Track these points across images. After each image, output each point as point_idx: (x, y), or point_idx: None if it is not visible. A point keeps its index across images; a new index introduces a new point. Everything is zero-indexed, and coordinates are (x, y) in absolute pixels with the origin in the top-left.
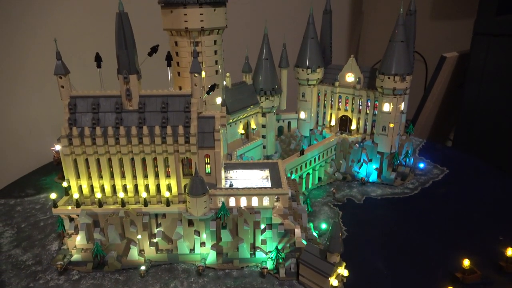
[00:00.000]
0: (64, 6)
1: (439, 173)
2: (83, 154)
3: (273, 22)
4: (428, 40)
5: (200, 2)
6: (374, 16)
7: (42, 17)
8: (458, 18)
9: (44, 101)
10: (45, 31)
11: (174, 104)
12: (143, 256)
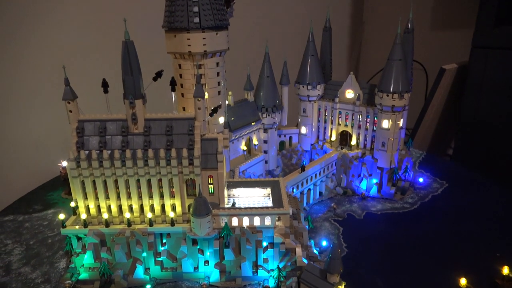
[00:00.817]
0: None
1: (439, 187)
2: (91, 176)
3: (274, 41)
4: (429, 50)
5: (202, 27)
6: (373, 32)
7: (50, 40)
8: (458, 28)
9: (51, 115)
10: (52, 51)
11: (178, 127)
12: (149, 274)
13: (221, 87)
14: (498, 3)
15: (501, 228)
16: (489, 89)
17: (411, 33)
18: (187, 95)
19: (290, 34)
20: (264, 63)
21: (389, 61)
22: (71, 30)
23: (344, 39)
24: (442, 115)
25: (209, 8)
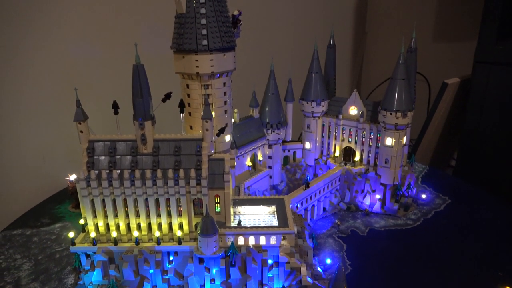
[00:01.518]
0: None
1: (441, 202)
2: (100, 195)
3: (279, 58)
4: (431, 62)
5: (210, 49)
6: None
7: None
8: (461, 40)
9: (58, 126)
10: (61, 64)
11: (186, 147)
12: None
13: (228, 106)
14: (500, 19)
15: (504, 246)
16: (491, 104)
17: (414, 52)
18: (195, 114)
19: (295, 51)
20: (269, 80)
21: (393, 80)
22: (82, 47)
23: (348, 55)
24: (444, 129)
25: (217, 30)
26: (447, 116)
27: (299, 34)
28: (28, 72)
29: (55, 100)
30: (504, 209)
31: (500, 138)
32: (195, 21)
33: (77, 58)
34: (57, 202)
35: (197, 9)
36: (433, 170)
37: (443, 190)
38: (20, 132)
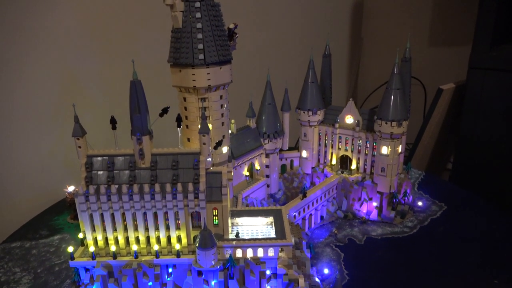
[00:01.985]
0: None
1: (438, 209)
2: (99, 209)
3: (276, 68)
4: (427, 67)
5: (207, 63)
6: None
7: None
8: (456, 45)
9: (56, 137)
10: (58, 75)
11: (184, 161)
12: None
13: (225, 118)
14: (494, 26)
15: (499, 254)
16: (486, 110)
17: (408, 61)
18: (192, 127)
19: (291, 61)
20: (265, 90)
21: (388, 90)
22: (80, 59)
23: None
24: (440, 134)
25: (213, 44)
26: (443, 121)
27: (295, 44)
28: (26, 83)
29: (53, 111)
30: (500, 216)
31: (496, 143)
32: (192, 36)
33: (76, 70)
34: (56, 213)
35: (193, 24)
36: (429, 176)
37: (439, 196)
38: (18, 143)
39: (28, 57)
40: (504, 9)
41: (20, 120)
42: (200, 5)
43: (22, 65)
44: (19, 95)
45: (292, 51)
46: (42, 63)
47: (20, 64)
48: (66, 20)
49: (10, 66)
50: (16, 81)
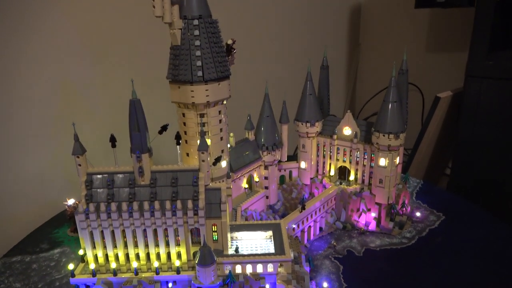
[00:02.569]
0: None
1: (436, 219)
2: (99, 227)
3: (274, 81)
4: (424, 72)
5: (205, 80)
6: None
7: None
8: (454, 50)
9: (56, 149)
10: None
11: (183, 178)
12: None
13: (224, 132)
14: (491, 35)
15: (498, 265)
16: (484, 118)
17: (405, 74)
18: (191, 142)
19: (289, 73)
20: (264, 103)
21: (385, 103)
22: (80, 72)
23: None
24: (438, 142)
25: (212, 61)
26: (440, 129)
27: (292, 56)
28: (26, 95)
29: (53, 124)
30: (498, 226)
31: (494, 151)
32: (190, 53)
33: (76, 82)
34: (55, 226)
35: (192, 41)
36: (427, 185)
37: (437, 206)
38: (17, 155)
39: (28, 69)
40: (500, 17)
41: (20, 132)
42: (198, 22)
43: (21, 77)
44: (18, 107)
45: (290, 63)
46: (42, 76)
47: (20, 76)
48: (67, 33)
49: (9, 78)
50: (16, 93)
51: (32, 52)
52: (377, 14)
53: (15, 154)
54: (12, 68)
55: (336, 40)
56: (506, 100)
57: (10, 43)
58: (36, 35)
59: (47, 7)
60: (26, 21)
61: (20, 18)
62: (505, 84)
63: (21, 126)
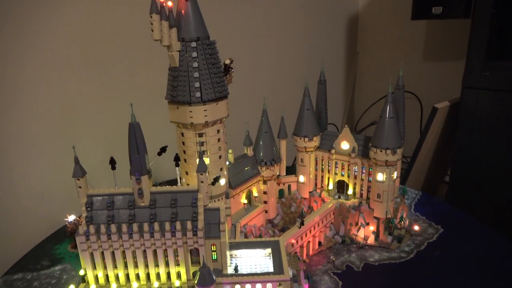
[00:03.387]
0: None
1: (434, 232)
2: (99, 248)
3: (271, 97)
4: (422, 80)
5: (204, 100)
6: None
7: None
8: (451, 59)
9: (56, 164)
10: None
11: (182, 199)
12: None
13: (222, 151)
14: (487, 47)
15: (496, 278)
16: (481, 129)
17: (401, 89)
18: (190, 161)
19: (287, 88)
20: (262, 119)
21: (382, 119)
22: (80, 87)
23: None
24: (436, 151)
25: (210, 82)
26: (439, 138)
27: (290, 72)
28: (26, 110)
29: (53, 139)
30: (496, 238)
31: (492, 161)
32: (188, 75)
33: (76, 98)
34: (56, 241)
35: (190, 63)
36: (425, 197)
37: (436, 218)
38: (18, 171)
39: (29, 85)
40: (496, 28)
41: (21, 147)
42: (196, 44)
43: (22, 93)
44: (18, 122)
45: (288, 79)
46: (42, 92)
47: (21, 92)
48: (67, 50)
49: (9, 94)
50: (17, 109)
51: (33, 68)
52: (375, 23)
53: (16, 169)
54: (12, 84)
55: (334, 49)
56: (502, 111)
57: (10, 59)
58: (36, 50)
59: (48, 23)
60: (26, 37)
61: (20, 34)
62: (501, 95)
63: (21, 142)
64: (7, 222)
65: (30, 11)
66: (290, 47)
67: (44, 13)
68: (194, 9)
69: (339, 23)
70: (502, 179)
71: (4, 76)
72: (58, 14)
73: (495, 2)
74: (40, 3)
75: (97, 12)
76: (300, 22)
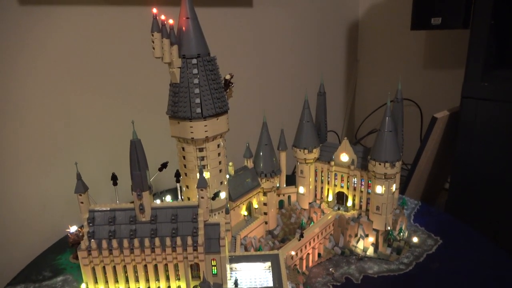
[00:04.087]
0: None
1: (433, 244)
2: (101, 263)
3: (271, 109)
4: (422, 88)
5: (204, 116)
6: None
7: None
8: (451, 67)
9: (56, 174)
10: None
11: (183, 215)
12: None
13: (222, 164)
14: (485, 58)
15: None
16: (480, 138)
17: (400, 103)
18: (190, 175)
19: (286, 101)
20: (262, 131)
21: (380, 132)
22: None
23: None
24: (436, 159)
25: (210, 98)
26: (438, 147)
27: (290, 83)
28: (28, 121)
29: (54, 149)
30: (495, 250)
31: (491, 171)
32: (189, 91)
33: (77, 109)
34: (58, 252)
35: (191, 79)
36: (425, 207)
37: (435, 229)
38: (20, 182)
39: (30, 96)
40: (495, 39)
41: (21, 158)
42: (196, 61)
43: (23, 104)
44: (19, 133)
45: (287, 91)
46: (43, 102)
47: (21, 103)
48: (68, 62)
49: (10, 105)
50: (17, 119)
51: (35, 80)
52: (375, 31)
53: (17, 180)
54: (14, 96)
55: (335, 57)
56: (501, 121)
57: (11, 71)
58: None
59: (50, 36)
60: (27, 49)
61: (21, 49)
62: (500, 105)
63: (22, 153)
64: (9, 232)
65: (31, 23)
66: (290, 58)
67: (45, 25)
68: (195, 27)
69: (339, 31)
70: (502, 188)
71: (5, 88)
72: (60, 26)
73: (494, 13)
74: (42, 14)
75: (98, 24)
76: (300, 31)
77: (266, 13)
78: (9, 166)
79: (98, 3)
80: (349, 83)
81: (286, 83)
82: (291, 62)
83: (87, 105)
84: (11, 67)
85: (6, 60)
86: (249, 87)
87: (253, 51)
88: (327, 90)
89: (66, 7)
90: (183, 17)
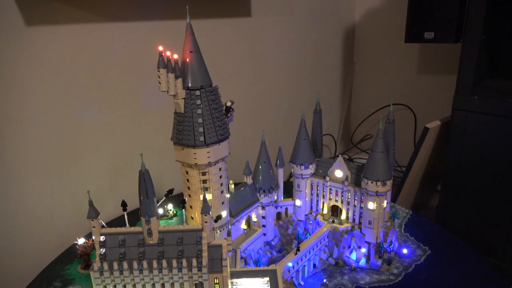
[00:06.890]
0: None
1: (422, 254)
2: (112, 282)
3: (270, 128)
4: (416, 92)
5: (207, 143)
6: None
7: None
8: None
9: (64, 185)
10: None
11: (188, 238)
12: None
13: (224, 186)
14: (476, 70)
15: None
16: (470, 150)
17: (392, 123)
18: (194, 197)
19: (284, 119)
20: (261, 149)
21: (373, 153)
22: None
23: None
24: (428, 165)
25: (212, 126)
26: (430, 155)
27: (287, 103)
28: (35, 133)
29: (62, 159)
30: (481, 262)
31: (481, 182)
32: (193, 120)
33: (83, 121)
34: (66, 262)
35: (194, 110)
36: (415, 216)
37: (424, 239)
38: (28, 193)
39: (38, 107)
40: (485, 53)
41: (29, 169)
42: (200, 92)
43: (31, 117)
44: (27, 144)
45: (285, 109)
46: (49, 115)
47: (29, 116)
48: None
49: (18, 118)
50: (26, 132)
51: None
52: (371, 34)
53: (25, 191)
54: (21, 108)
55: (331, 59)
56: (490, 133)
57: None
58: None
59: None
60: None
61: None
62: (489, 119)
63: (31, 164)
64: (17, 243)
65: (33, 38)
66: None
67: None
68: (198, 60)
69: (336, 34)
70: (492, 199)
71: (12, 100)
72: (63, 42)
73: (485, 28)
74: (44, 30)
75: (104, 41)
76: (299, 40)
77: (265, 23)
78: (17, 178)
79: (102, 20)
80: (346, 86)
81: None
82: (289, 75)
83: (94, 118)
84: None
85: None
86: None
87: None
88: (324, 91)
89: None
90: (187, 50)
